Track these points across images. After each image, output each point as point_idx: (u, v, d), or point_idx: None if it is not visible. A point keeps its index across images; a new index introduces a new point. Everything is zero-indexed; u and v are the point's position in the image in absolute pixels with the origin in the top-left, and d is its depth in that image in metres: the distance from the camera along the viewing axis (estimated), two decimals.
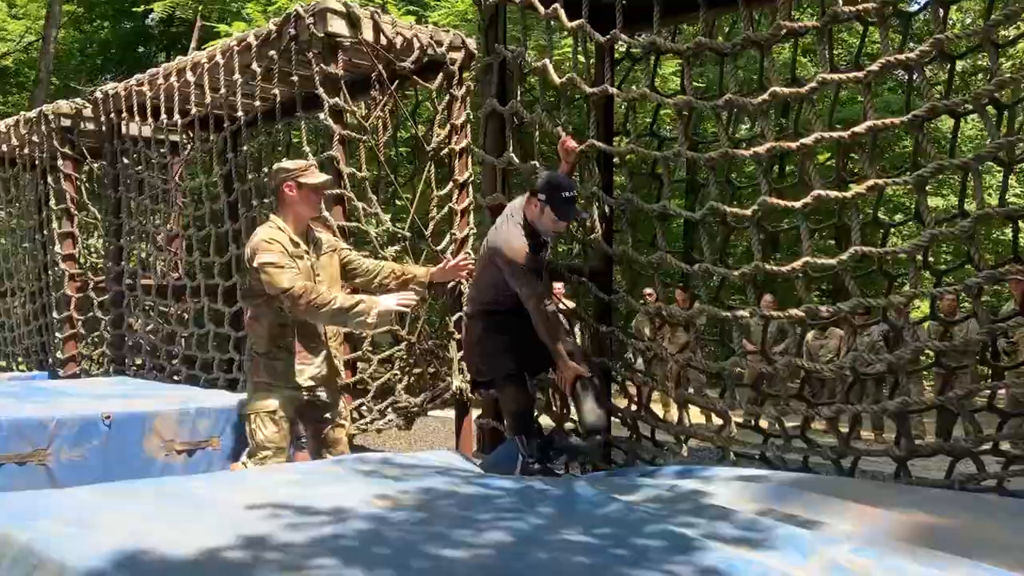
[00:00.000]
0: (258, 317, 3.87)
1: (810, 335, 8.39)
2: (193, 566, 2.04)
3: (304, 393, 3.88)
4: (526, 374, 3.90)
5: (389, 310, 3.74)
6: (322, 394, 3.97)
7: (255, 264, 3.73)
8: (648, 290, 6.69)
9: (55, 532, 2.23)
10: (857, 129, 2.98)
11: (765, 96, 3.17)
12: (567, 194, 3.69)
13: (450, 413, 7.13)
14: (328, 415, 4.02)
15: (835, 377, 3.54)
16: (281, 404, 3.82)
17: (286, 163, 4.04)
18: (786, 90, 3.10)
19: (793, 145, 3.13)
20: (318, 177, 3.90)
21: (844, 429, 3.70)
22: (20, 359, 9.16)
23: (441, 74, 6.05)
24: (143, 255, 7.79)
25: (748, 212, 3.28)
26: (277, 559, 2.13)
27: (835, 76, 3.02)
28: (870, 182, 2.94)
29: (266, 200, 6.36)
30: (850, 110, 11.51)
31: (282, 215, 3.89)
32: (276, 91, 5.94)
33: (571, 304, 5.33)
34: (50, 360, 8.36)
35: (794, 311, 3.15)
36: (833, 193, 3.10)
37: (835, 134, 3.06)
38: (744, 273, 3.28)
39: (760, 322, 3.83)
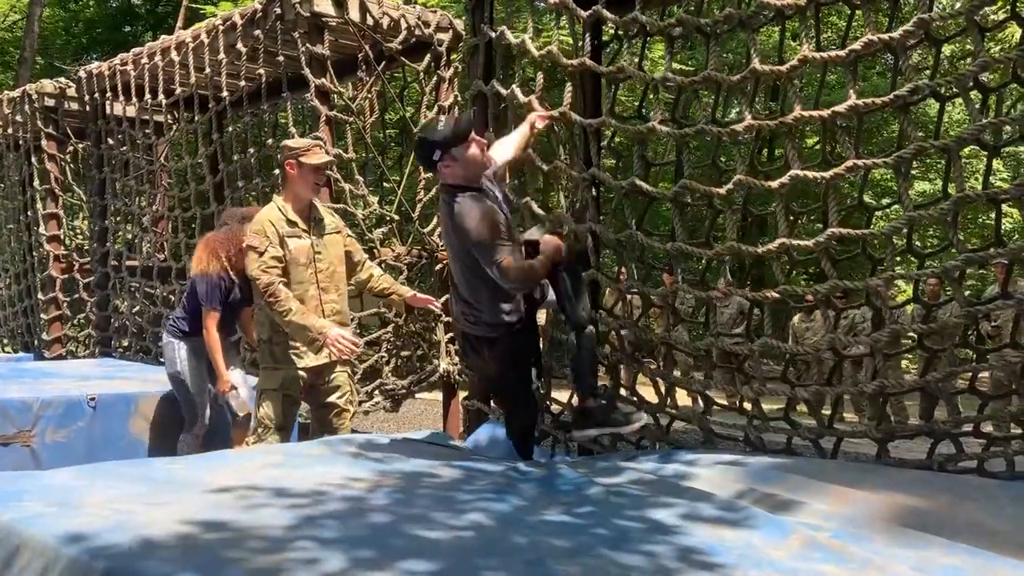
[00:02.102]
0: (260, 304, 3.89)
1: (796, 317, 8.44)
2: (173, 545, 2.05)
3: (307, 376, 3.90)
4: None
5: (327, 343, 3.72)
6: (323, 380, 3.97)
7: (245, 244, 3.83)
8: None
9: (39, 512, 2.23)
10: (838, 109, 2.97)
11: (744, 73, 3.16)
12: (448, 126, 3.26)
13: (437, 395, 7.15)
14: (330, 400, 4.01)
15: (819, 359, 3.55)
16: (283, 384, 3.86)
17: (291, 141, 4.03)
18: (766, 67, 3.09)
19: (772, 123, 3.13)
20: (319, 157, 3.87)
21: (827, 412, 3.72)
22: (5, 341, 9.12)
23: (428, 55, 6.01)
24: (128, 236, 7.74)
25: (722, 191, 3.28)
26: (256, 539, 2.13)
27: (817, 55, 3.00)
28: (849, 163, 2.94)
29: (253, 181, 6.32)
30: (839, 94, 11.51)
31: (284, 193, 3.93)
32: (262, 71, 5.89)
33: None
34: (35, 342, 8.32)
35: (770, 292, 3.16)
36: (810, 173, 3.10)
37: (816, 113, 3.05)
38: (718, 253, 3.29)
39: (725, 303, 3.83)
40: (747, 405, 3.52)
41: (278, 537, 2.15)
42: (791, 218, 3.64)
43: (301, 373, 3.86)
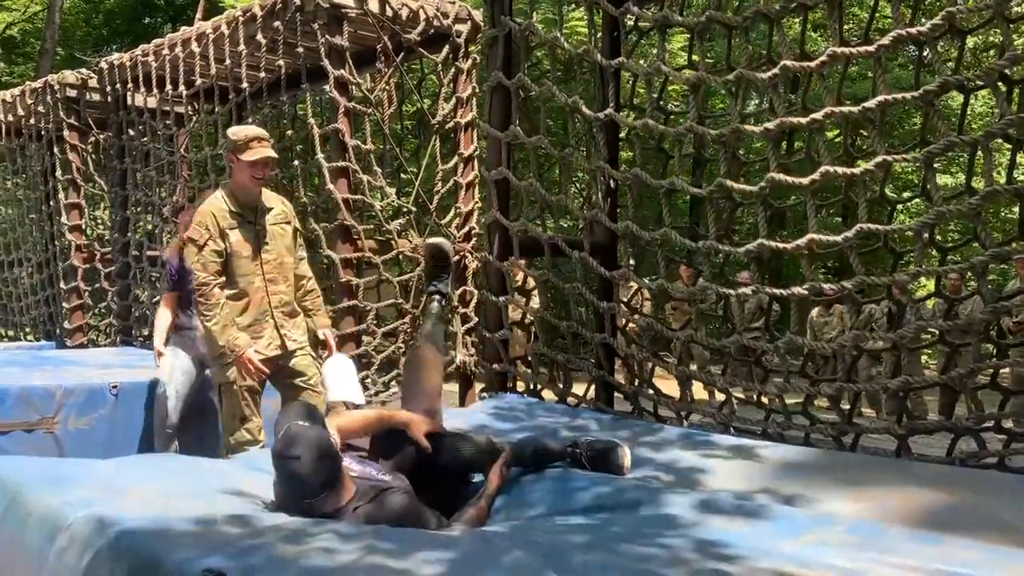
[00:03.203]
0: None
1: (814, 312, 8.39)
2: (203, 534, 2.09)
3: (265, 365, 3.81)
4: None
5: (236, 363, 3.67)
6: (283, 366, 3.91)
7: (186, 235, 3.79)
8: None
9: (83, 497, 2.30)
10: (868, 104, 2.95)
11: (775, 70, 3.14)
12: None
13: (454, 387, 7.17)
14: (295, 383, 3.94)
15: (840, 354, 3.54)
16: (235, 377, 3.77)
17: (234, 130, 3.86)
18: (796, 64, 3.07)
19: (804, 120, 3.11)
20: (255, 154, 3.68)
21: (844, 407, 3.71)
22: (28, 329, 9.22)
23: (447, 46, 6.00)
24: (149, 226, 7.80)
25: (755, 189, 3.27)
26: (280, 529, 2.17)
27: (846, 50, 2.98)
28: (879, 158, 2.92)
29: (272, 172, 6.34)
30: (859, 86, 11.40)
31: (228, 183, 3.85)
32: (281, 63, 5.90)
33: None
34: (57, 330, 8.40)
35: (797, 289, 3.15)
36: (841, 169, 3.08)
37: (846, 109, 3.03)
38: (749, 251, 3.27)
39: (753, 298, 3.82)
40: (764, 399, 3.52)
41: (300, 529, 2.18)
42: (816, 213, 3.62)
43: (259, 364, 3.74)
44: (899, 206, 6.89)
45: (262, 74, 6.10)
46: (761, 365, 3.86)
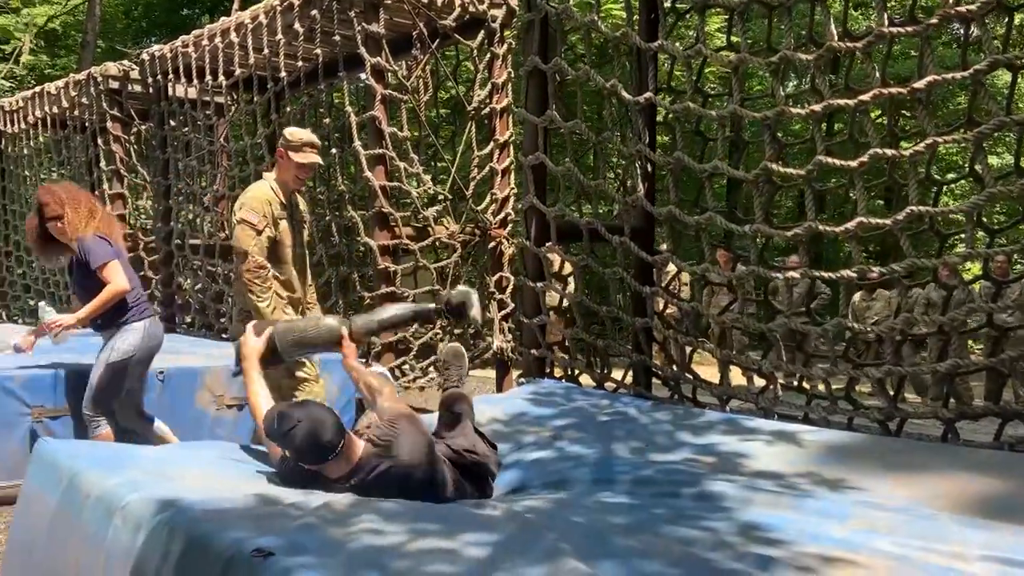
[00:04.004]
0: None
1: (857, 296, 8.26)
2: (252, 515, 2.14)
3: None
4: None
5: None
6: None
7: (238, 216, 3.80)
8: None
9: (138, 480, 2.36)
10: (917, 84, 2.89)
11: (821, 51, 3.09)
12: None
13: (491, 373, 7.20)
14: (300, 373, 3.89)
15: (884, 339, 3.49)
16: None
17: (291, 131, 3.98)
18: (843, 44, 3.02)
19: (851, 102, 3.05)
20: (307, 158, 3.86)
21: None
22: None
23: (482, 32, 6.00)
24: (190, 215, 7.92)
25: (803, 172, 3.22)
26: (325, 511, 2.21)
27: (893, 29, 2.92)
28: (929, 140, 2.86)
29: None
30: (901, 66, 11.15)
31: (276, 173, 3.94)
32: (318, 51, 5.95)
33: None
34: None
35: (846, 272, 3.10)
36: (890, 151, 3.02)
37: (894, 90, 2.97)
38: (796, 234, 3.23)
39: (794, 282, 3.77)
40: (806, 384, 3.49)
41: (345, 511, 2.22)
42: (851, 195, 3.56)
43: None
44: (943, 188, 6.73)
45: (299, 63, 6.15)
46: (803, 350, 3.82)
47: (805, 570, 1.78)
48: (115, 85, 8.02)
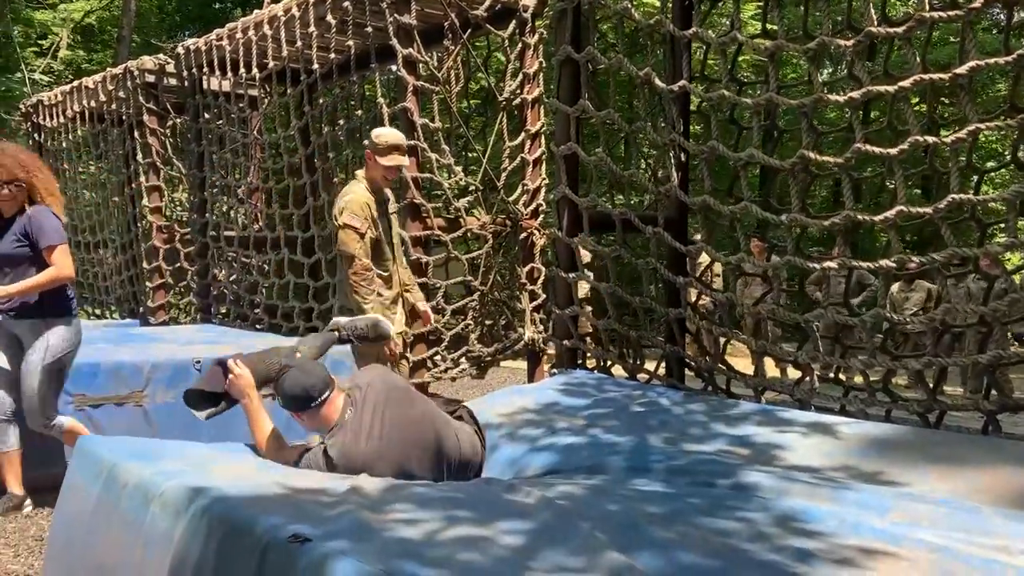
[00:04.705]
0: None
1: (895, 287, 8.13)
2: (287, 503, 2.16)
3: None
4: None
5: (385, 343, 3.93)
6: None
7: (341, 221, 4.01)
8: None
9: (175, 470, 2.41)
10: (959, 70, 2.83)
11: (859, 36, 3.03)
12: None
13: (522, 364, 7.21)
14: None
15: (923, 330, 3.43)
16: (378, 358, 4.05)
17: (377, 132, 4.20)
18: (883, 30, 2.96)
19: (891, 88, 2.99)
20: (392, 160, 4.07)
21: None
22: (112, 308, 9.61)
23: (513, 21, 5.97)
24: (225, 208, 8.02)
25: (841, 160, 3.17)
26: (359, 497, 2.23)
27: (935, 14, 2.85)
28: (971, 126, 2.79)
29: (343, 152, 6.47)
30: (940, 52, 10.93)
31: (366, 173, 4.17)
32: (350, 43, 5.97)
33: None
34: (140, 308, 8.74)
35: (886, 261, 3.05)
36: (931, 139, 2.96)
37: (935, 76, 2.91)
38: (834, 223, 3.18)
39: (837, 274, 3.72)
40: (842, 375, 3.44)
41: (379, 498, 2.24)
42: (888, 185, 3.50)
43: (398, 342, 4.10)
44: (983, 176, 6.58)
45: (332, 55, 6.17)
46: (840, 341, 3.76)
47: (846, 562, 1.76)
48: (151, 79, 8.13)
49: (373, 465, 2.63)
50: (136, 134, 8.51)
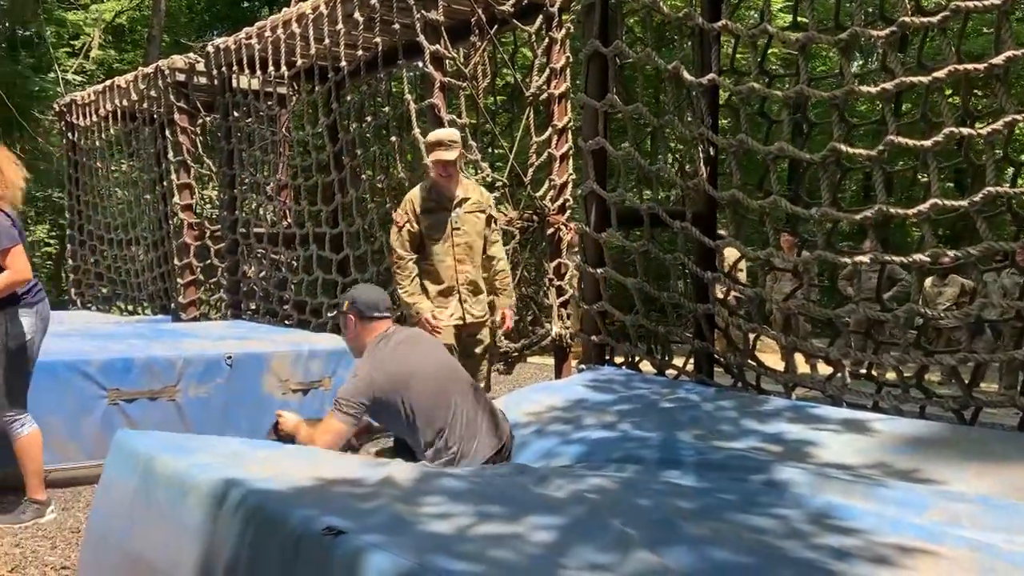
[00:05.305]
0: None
1: (928, 281, 8.00)
2: (318, 495, 2.18)
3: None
4: None
5: (419, 324, 4.19)
6: (465, 331, 4.38)
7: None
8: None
9: (209, 463, 2.44)
10: (995, 60, 2.77)
11: (893, 27, 2.98)
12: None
13: (549, 360, 7.20)
14: (474, 350, 4.44)
15: (957, 326, 3.37)
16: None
17: (433, 133, 4.44)
18: (917, 20, 2.91)
19: (925, 79, 2.94)
20: (437, 155, 4.26)
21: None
22: (144, 304, 9.75)
23: (540, 16, 5.96)
24: (254, 204, 8.09)
25: (873, 153, 3.12)
26: (392, 489, 2.24)
27: (969, 4, 2.80)
28: (1008, 118, 2.74)
29: (371, 149, 6.50)
30: (972, 43, 10.74)
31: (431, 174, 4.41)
32: (378, 40, 5.99)
33: None
34: (172, 305, 8.85)
35: (920, 256, 3.00)
36: (966, 131, 2.91)
37: (969, 66, 2.85)
38: (866, 217, 3.13)
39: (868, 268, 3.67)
40: (874, 371, 3.39)
41: (411, 488, 2.25)
42: (920, 178, 3.45)
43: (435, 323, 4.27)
44: (1020, 169, 6.44)
45: (359, 52, 6.20)
46: (872, 336, 3.72)
47: (884, 561, 1.73)
48: (181, 78, 8.22)
49: (411, 378, 2.92)
50: (167, 132, 8.61)
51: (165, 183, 8.98)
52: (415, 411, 2.92)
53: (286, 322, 7.28)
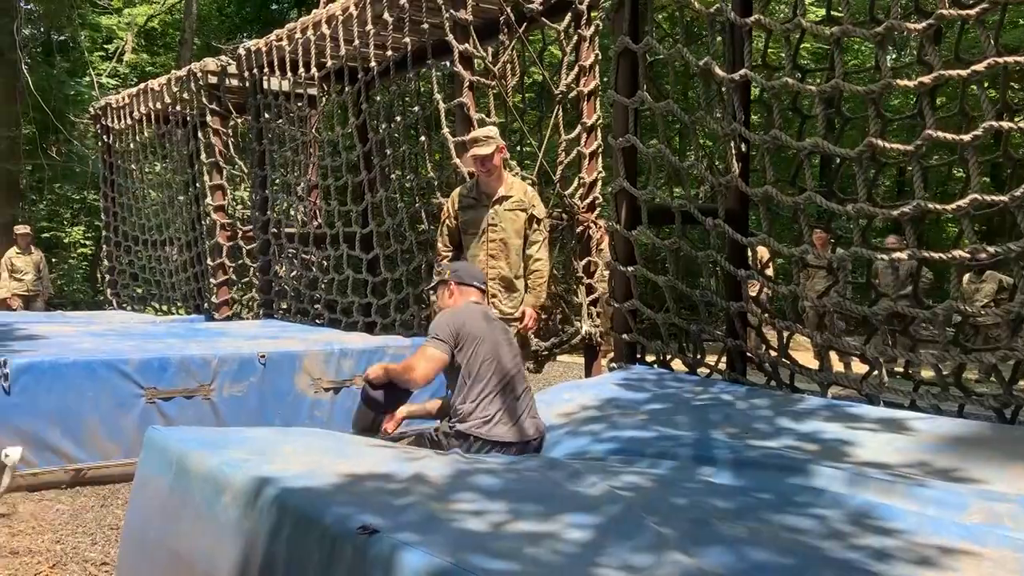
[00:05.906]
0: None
1: (965, 278, 7.86)
2: (353, 492, 2.19)
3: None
4: None
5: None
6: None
7: None
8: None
9: (241, 459, 2.46)
10: None
11: (931, 20, 2.93)
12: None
13: (579, 358, 7.18)
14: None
15: (995, 323, 3.30)
16: None
17: (473, 131, 4.64)
18: (954, 12, 2.85)
19: (964, 72, 2.88)
20: (473, 151, 4.41)
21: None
22: (179, 303, 9.88)
23: (569, 14, 5.94)
24: (285, 205, 8.16)
25: (911, 148, 3.07)
26: (427, 486, 2.25)
27: None
28: None
29: (400, 148, 6.52)
30: (1010, 36, 10.53)
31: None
32: (407, 40, 6.01)
33: None
34: (205, 304, 8.96)
35: (958, 252, 2.95)
36: (1007, 124, 2.85)
37: (1009, 59, 2.79)
38: (903, 212, 3.08)
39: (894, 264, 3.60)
40: (910, 370, 3.34)
41: (445, 485, 2.25)
42: (956, 173, 3.37)
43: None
44: None
45: (388, 52, 6.23)
46: (908, 334, 3.65)
47: (927, 561, 1.70)
48: (213, 80, 8.31)
49: (483, 340, 3.19)
50: (199, 134, 8.71)
51: (198, 184, 9.08)
52: (472, 369, 3.16)
53: (317, 321, 7.34)
